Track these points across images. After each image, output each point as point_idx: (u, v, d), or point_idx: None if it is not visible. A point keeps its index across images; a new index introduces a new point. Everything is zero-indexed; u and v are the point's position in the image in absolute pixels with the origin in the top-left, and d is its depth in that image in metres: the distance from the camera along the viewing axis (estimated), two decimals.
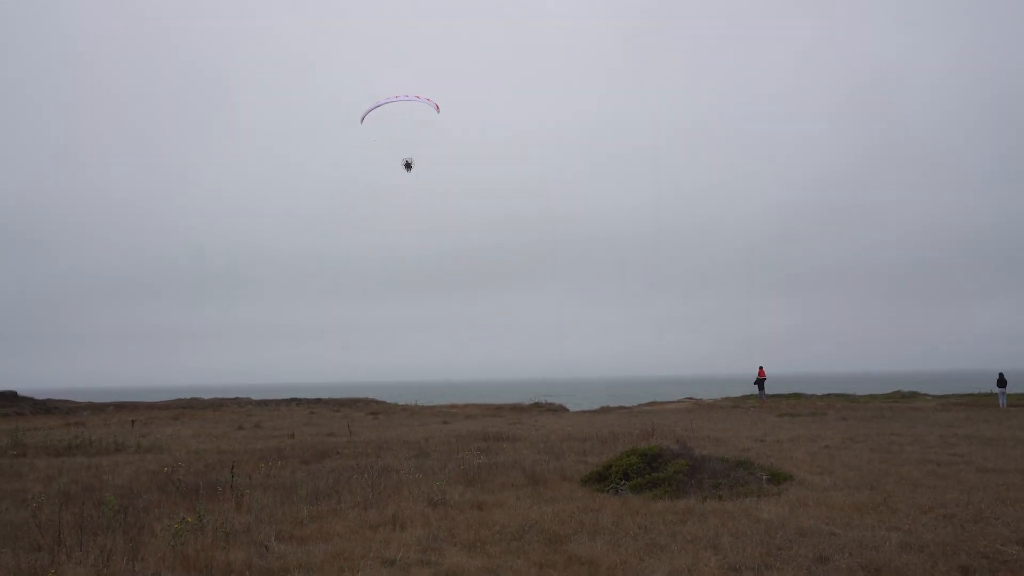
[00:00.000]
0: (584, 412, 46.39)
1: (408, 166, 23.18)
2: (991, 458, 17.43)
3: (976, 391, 49.07)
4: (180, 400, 60.81)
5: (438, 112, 22.63)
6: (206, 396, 66.09)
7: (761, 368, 45.36)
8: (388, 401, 58.82)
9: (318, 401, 58.33)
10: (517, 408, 49.08)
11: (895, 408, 37.07)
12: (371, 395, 67.55)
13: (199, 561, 9.09)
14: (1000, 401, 38.18)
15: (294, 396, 64.86)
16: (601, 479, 14.78)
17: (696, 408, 42.66)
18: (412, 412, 46.33)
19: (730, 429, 26.84)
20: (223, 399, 60.89)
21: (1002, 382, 38.60)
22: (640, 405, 49.52)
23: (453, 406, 52.30)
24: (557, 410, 48.15)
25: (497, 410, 47.99)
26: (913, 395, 47.11)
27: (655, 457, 15.01)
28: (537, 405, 50.31)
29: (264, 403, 57.39)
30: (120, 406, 54.14)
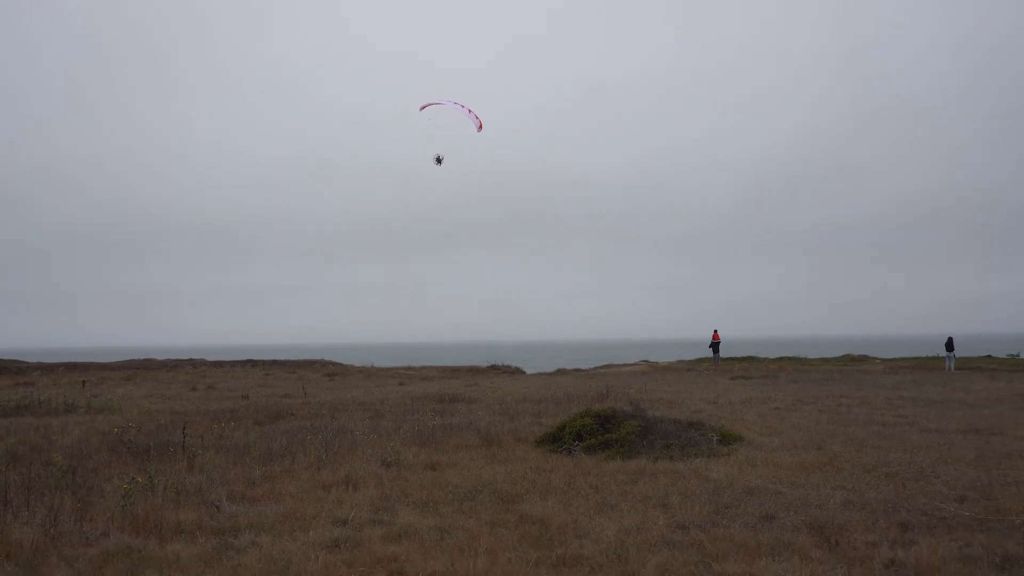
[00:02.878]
0: (541, 374, 46.66)
1: (439, 160, 24.99)
2: (934, 419, 17.92)
3: (923, 355, 50.24)
4: (133, 361, 59.93)
5: (479, 131, 24.48)
6: (160, 357, 65.24)
7: (716, 332, 45.95)
8: (345, 363, 58.56)
9: (274, 363, 57.87)
10: (474, 370, 49.19)
11: (845, 371, 37.84)
12: (328, 357, 67.17)
13: (149, 521, 9.03)
14: (948, 365, 39.10)
15: (249, 358, 64.26)
16: (555, 440, 14.92)
17: (651, 371, 43.13)
18: (368, 374, 46.23)
19: (683, 391, 27.21)
20: (177, 360, 60.12)
21: (950, 346, 39.50)
22: (596, 368, 49.93)
23: (410, 368, 52.27)
24: (514, 372, 48.34)
25: (454, 372, 48.07)
26: (863, 358, 48.07)
27: (608, 418, 15.18)
28: (494, 367, 50.43)
29: (219, 364, 56.82)
30: (71, 367, 53.19)
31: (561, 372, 47.05)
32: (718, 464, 12.48)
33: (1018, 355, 48.04)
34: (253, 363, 57.71)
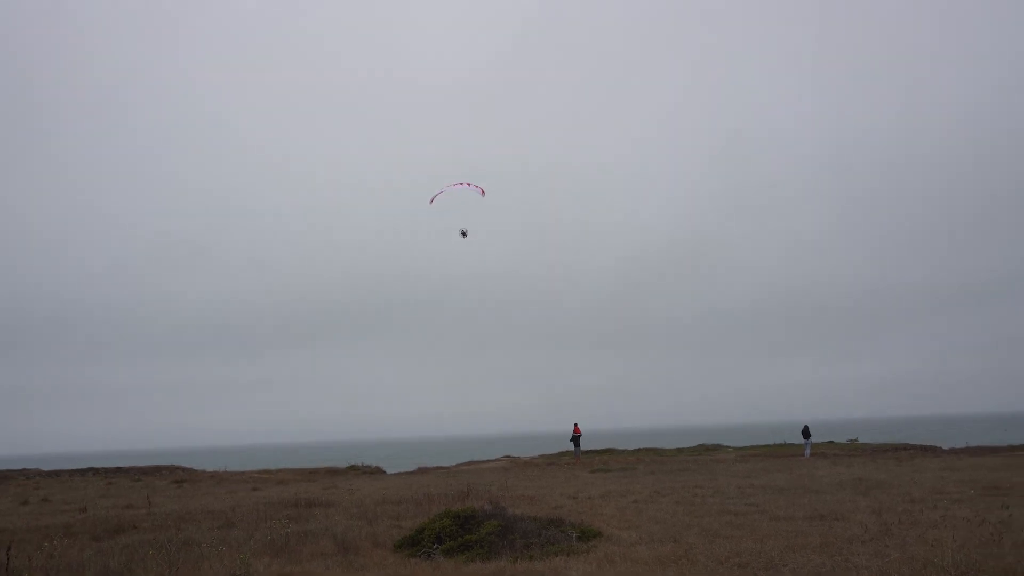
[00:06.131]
0: (402, 474, 45.72)
1: (464, 234, 26.98)
2: (783, 506, 18.57)
3: (772, 442, 52.37)
4: None
5: (483, 196, 26.47)
6: None
7: (576, 425, 46.47)
8: (195, 468, 55.76)
9: (118, 470, 54.43)
10: (332, 472, 47.77)
11: (699, 461, 38.86)
12: (177, 462, 63.89)
13: None
14: (805, 451, 40.67)
15: (91, 466, 60.31)
16: (414, 543, 14.59)
17: (513, 466, 43.03)
18: (220, 479, 44.07)
19: (545, 487, 27.23)
20: (7, 471, 55.60)
21: (807, 433, 41.21)
22: (458, 465, 49.44)
23: (265, 471, 50.19)
24: (374, 472, 47.25)
25: (311, 474, 46.49)
26: (716, 447, 49.66)
27: (468, 519, 14.99)
28: (353, 468, 49.18)
29: (55, 474, 52.88)
30: None
31: (423, 471, 46.30)
32: (577, 562, 12.47)
33: (857, 440, 50.79)
34: (95, 471, 54.10)
